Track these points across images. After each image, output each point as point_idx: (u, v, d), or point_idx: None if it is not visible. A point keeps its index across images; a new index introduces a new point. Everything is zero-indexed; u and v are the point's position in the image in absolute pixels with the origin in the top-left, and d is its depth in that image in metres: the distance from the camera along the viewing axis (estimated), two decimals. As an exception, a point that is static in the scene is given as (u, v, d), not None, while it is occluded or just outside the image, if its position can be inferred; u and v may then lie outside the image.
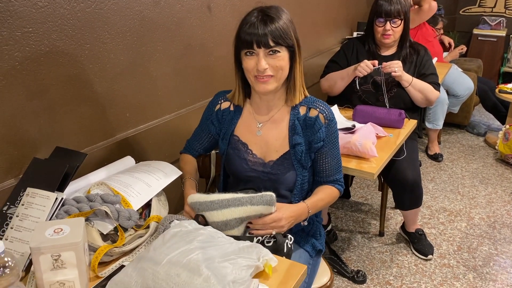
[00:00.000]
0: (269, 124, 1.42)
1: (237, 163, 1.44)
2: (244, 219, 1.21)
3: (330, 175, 1.44)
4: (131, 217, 1.21)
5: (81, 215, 1.17)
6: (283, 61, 1.28)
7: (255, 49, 1.25)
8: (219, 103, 1.49)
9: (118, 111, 1.58)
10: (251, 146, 1.43)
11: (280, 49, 1.26)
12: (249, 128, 1.44)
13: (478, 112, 4.53)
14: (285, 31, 1.25)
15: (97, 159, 1.51)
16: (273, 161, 1.41)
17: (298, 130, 1.38)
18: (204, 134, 1.55)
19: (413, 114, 2.38)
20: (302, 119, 1.39)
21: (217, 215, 1.21)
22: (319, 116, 1.38)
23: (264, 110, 1.43)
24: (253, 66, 1.28)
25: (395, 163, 2.18)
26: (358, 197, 3.04)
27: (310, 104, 1.40)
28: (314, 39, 3.09)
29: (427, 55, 2.40)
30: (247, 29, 1.25)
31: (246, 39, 1.25)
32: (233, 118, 1.46)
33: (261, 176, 1.42)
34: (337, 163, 1.44)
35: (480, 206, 2.90)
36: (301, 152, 1.38)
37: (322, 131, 1.37)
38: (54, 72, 1.33)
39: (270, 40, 1.24)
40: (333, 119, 1.40)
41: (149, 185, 1.33)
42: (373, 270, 2.32)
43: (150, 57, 1.67)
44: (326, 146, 1.40)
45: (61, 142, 1.38)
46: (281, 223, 1.24)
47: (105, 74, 1.50)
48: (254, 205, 1.20)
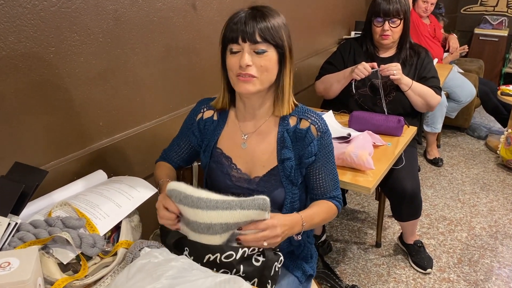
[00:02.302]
0: (256, 136, 1.28)
1: (220, 179, 1.30)
2: (230, 226, 1.04)
3: (326, 192, 1.30)
4: (95, 243, 1.08)
5: (37, 242, 1.04)
6: (269, 62, 1.15)
7: (240, 43, 1.13)
8: (201, 111, 1.35)
9: (89, 120, 1.44)
10: (235, 160, 1.29)
11: (267, 48, 1.13)
12: (234, 139, 1.30)
13: (478, 114, 4.40)
14: (275, 29, 1.13)
15: (66, 173, 1.37)
16: (259, 177, 1.27)
17: (287, 144, 1.24)
18: (183, 144, 1.41)
19: (412, 120, 2.25)
20: (292, 131, 1.25)
21: (201, 215, 1.05)
22: (310, 128, 1.23)
23: (249, 120, 1.28)
24: (236, 64, 1.15)
25: (393, 172, 2.05)
26: (354, 204, 2.91)
27: (301, 114, 1.26)
28: (310, 39, 2.94)
29: (428, 57, 2.27)
30: (234, 25, 1.14)
31: (232, 31, 1.14)
32: (216, 129, 1.32)
33: (246, 193, 1.28)
34: (333, 179, 1.30)
35: (482, 214, 2.78)
36: (290, 168, 1.24)
37: (314, 144, 1.23)
38: (12, 78, 1.19)
39: (257, 35, 1.12)
40: (327, 131, 1.26)
41: (119, 205, 1.20)
42: (369, 285, 2.19)
43: (127, 60, 1.53)
44: (319, 160, 1.26)
45: (22, 156, 1.24)
46: (276, 232, 1.06)
47: (73, 80, 1.36)
48: (245, 209, 1.03)
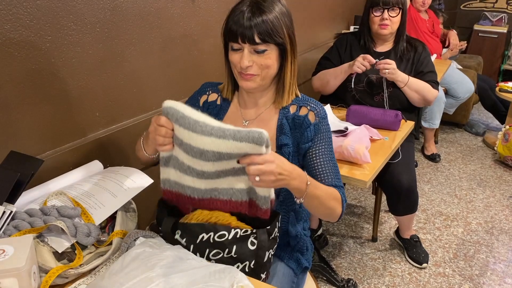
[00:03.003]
0: (256, 122, 1.29)
1: None
2: (223, 156, 0.98)
3: (325, 180, 1.21)
4: (90, 233, 1.08)
5: (32, 231, 1.04)
6: (269, 60, 1.15)
7: (240, 43, 1.13)
8: (206, 93, 1.35)
9: (86, 110, 1.44)
10: None
11: (267, 47, 1.13)
12: (234, 125, 1.30)
13: (477, 110, 4.40)
14: (274, 27, 1.12)
15: (61, 163, 1.36)
16: None
17: (285, 130, 1.25)
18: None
19: (410, 115, 2.24)
20: (290, 118, 1.26)
21: (195, 139, 0.99)
22: (308, 113, 1.24)
23: (251, 107, 1.30)
24: (237, 62, 1.16)
25: (389, 166, 2.05)
26: (351, 198, 2.92)
27: (301, 102, 1.27)
28: (308, 33, 2.94)
29: (425, 51, 2.26)
30: (234, 19, 1.13)
31: (231, 31, 1.13)
32: (219, 113, 1.33)
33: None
34: (333, 167, 1.24)
35: (478, 210, 2.78)
36: (288, 154, 1.24)
37: (311, 129, 1.23)
38: (8, 67, 1.18)
39: (256, 36, 1.11)
40: (325, 117, 1.26)
41: (114, 195, 1.20)
42: (365, 279, 2.20)
43: (124, 50, 1.52)
44: (316, 146, 1.23)
45: (18, 145, 1.24)
46: (271, 167, 0.97)
47: (70, 70, 1.35)
48: (237, 140, 0.96)
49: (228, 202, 1.09)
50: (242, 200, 1.08)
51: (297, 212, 1.34)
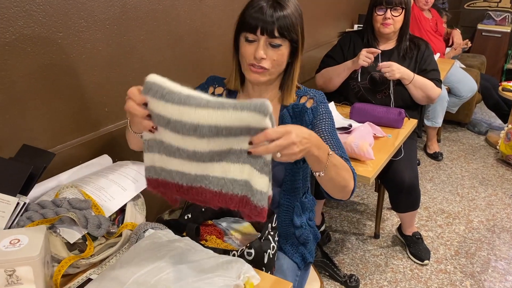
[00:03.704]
0: None
1: None
2: (221, 130, 0.87)
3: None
4: (101, 224, 1.11)
5: (45, 222, 1.06)
6: (282, 56, 1.19)
7: (257, 35, 1.16)
8: (213, 86, 1.38)
9: (95, 106, 1.46)
10: None
11: (283, 42, 1.17)
12: None
13: (479, 110, 4.42)
14: (293, 23, 1.16)
15: (71, 157, 1.39)
16: None
17: (286, 120, 1.28)
18: None
19: (413, 112, 2.27)
20: (290, 108, 1.29)
21: (188, 113, 0.87)
22: (307, 101, 1.29)
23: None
24: (250, 53, 1.18)
25: (392, 163, 2.08)
26: (354, 196, 2.94)
27: (302, 93, 1.31)
28: (312, 31, 2.96)
29: (428, 49, 2.28)
30: (254, 13, 1.15)
31: (250, 23, 1.15)
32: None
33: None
34: (337, 142, 1.22)
35: (480, 208, 2.81)
36: None
37: (308, 114, 1.27)
38: (21, 62, 1.21)
39: (275, 30, 1.14)
40: (323, 102, 1.29)
41: (124, 188, 1.23)
42: (367, 275, 2.22)
43: (133, 47, 1.55)
44: (317, 126, 1.24)
45: (30, 140, 1.26)
46: (291, 138, 0.89)
47: (81, 66, 1.38)
48: (238, 110, 0.84)
49: (218, 194, 0.95)
50: (233, 194, 0.94)
51: (303, 202, 1.36)
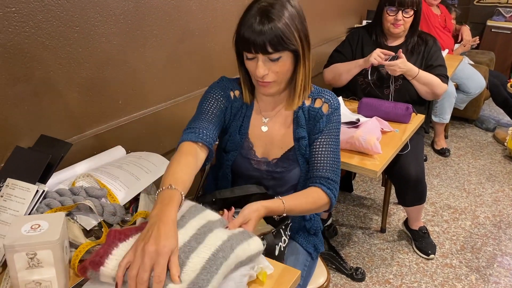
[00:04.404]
0: (275, 118, 1.34)
1: (240, 161, 1.36)
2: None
3: (320, 170, 1.26)
4: (116, 212, 1.15)
5: (63, 209, 1.11)
6: (284, 67, 1.17)
7: (253, 53, 1.15)
8: (233, 90, 1.34)
9: (109, 98, 1.51)
10: (256, 146, 1.35)
11: (281, 54, 1.14)
12: (255, 123, 1.35)
13: (488, 106, 4.41)
14: (285, 35, 1.11)
15: (86, 148, 1.43)
16: (276, 159, 1.34)
17: (301, 123, 1.30)
18: (220, 117, 1.29)
19: (419, 108, 2.28)
20: (306, 110, 1.31)
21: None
22: (323, 106, 1.30)
23: (269, 105, 1.34)
24: (253, 70, 1.19)
25: (398, 158, 2.10)
26: (360, 191, 2.97)
27: (316, 95, 1.32)
28: (321, 27, 2.98)
29: (436, 45, 2.29)
30: (245, 32, 1.12)
31: (244, 42, 1.14)
32: (247, 111, 1.34)
33: (265, 175, 1.35)
34: (332, 159, 1.27)
35: (486, 204, 2.82)
36: (305, 146, 1.31)
37: (323, 120, 1.29)
38: (39, 55, 1.25)
39: (268, 47, 1.12)
40: (338, 108, 1.32)
41: (138, 178, 1.27)
42: (373, 268, 2.25)
43: (145, 42, 1.59)
44: (324, 136, 1.29)
45: (47, 130, 1.31)
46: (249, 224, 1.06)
47: (96, 59, 1.42)
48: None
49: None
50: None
51: None
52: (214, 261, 0.85)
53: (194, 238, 0.92)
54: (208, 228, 0.95)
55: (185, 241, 0.91)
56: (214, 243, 0.90)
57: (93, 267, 0.86)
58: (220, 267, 0.85)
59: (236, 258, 0.90)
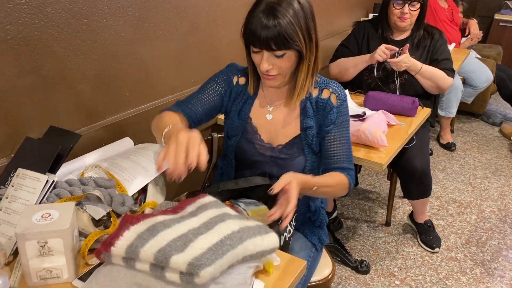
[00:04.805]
0: (280, 107, 1.36)
1: (245, 146, 1.38)
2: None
3: (338, 162, 1.33)
4: (125, 202, 1.16)
5: (72, 199, 1.12)
6: (288, 62, 1.21)
7: (259, 49, 1.19)
8: (237, 75, 1.39)
9: (117, 90, 1.52)
10: (260, 130, 1.37)
11: (285, 51, 1.18)
12: (260, 110, 1.38)
13: (494, 100, 4.39)
14: (288, 35, 1.14)
15: (94, 139, 1.45)
16: (281, 145, 1.36)
17: (309, 113, 1.32)
18: (213, 96, 1.37)
19: (426, 102, 2.28)
20: (314, 101, 1.33)
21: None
22: (331, 96, 1.32)
23: (274, 95, 1.37)
24: (258, 63, 1.23)
25: (403, 151, 2.10)
26: (366, 184, 2.97)
27: (323, 85, 1.34)
28: (327, 20, 2.97)
29: (442, 39, 2.28)
30: (252, 28, 1.16)
31: (250, 37, 1.18)
32: (248, 98, 1.38)
33: (269, 160, 1.37)
34: (347, 150, 1.34)
35: (492, 198, 2.82)
36: (312, 136, 1.32)
37: (334, 112, 1.31)
38: (49, 47, 1.26)
39: (272, 45, 1.15)
40: (345, 100, 1.34)
41: (146, 169, 1.28)
42: (378, 261, 2.26)
43: (153, 34, 1.60)
44: (336, 129, 1.32)
45: (56, 121, 1.33)
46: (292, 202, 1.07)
47: (104, 51, 1.43)
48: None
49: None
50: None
51: None
52: (221, 246, 0.87)
53: (204, 225, 0.93)
54: (220, 219, 0.97)
55: (195, 227, 0.92)
56: (224, 231, 0.92)
57: (105, 248, 0.88)
58: (226, 253, 0.86)
59: (245, 250, 0.91)
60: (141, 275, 0.86)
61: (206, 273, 0.79)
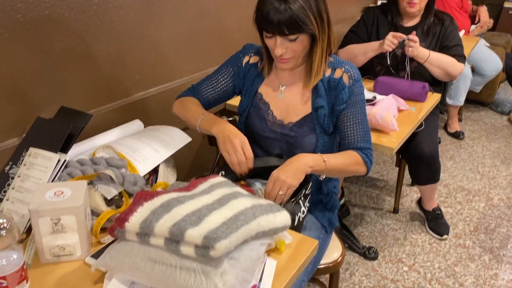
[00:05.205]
0: (292, 87, 1.37)
1: (256, 122, 1.40)
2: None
3: (353, 142, 1.32)
4: (137, 182, 1.16)
5: (84, 178, 1.12)
6: (301, 45, 1.22)
7: (271, 33, 1.20)
8: (249, 55, 1.41)
9: (127, 73, 1.51)
10: (272, 107, 1.38)
11: (298, 35, 1.19)
12: (272, 88, 1.39)
13: (503, 89, 4.34)
14: (300, 19, 1.15)
15: (104, 121, 1.45)
16: (292, 123, 1.36)
17: (321, 93, 1.32)
18: (223, 80, 1.43)
19: (435, 89, 2.25)
20: (326, 81, 1.32)
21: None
22: (343, 76, 1.31)
23: (287, 76, 1.37)
24: (272, 47, 1.24)
25: (412, 136, 2.07)
26: (373, 172, 2.96)
27: (336, 64, 1.33)
28: (336, 7, 2.94)
29: (453, 25, 2.25)
30: (265, 13, 1.16)
31: (262, 22, 1.19)
32: (257, 76, 1.40)
33: (279, 137, 1.38)
34: (362, 129, 1.32)
35: (500, 186, 2.80)
36: (323, 116, 1.32)
37: (345, 91, 1.30)
38: (59, 27, 1.26)
39: (285, 29, 1.17)
40: (359, 79, 1.33)
41: (157, 150, 1.28)
42: (386, 247, 2.26)
43: (162, 16, 1.58)
44: (349, 108, 1.31)
45: (67, 102, 1.32)
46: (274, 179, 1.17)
47: (113, 33, 1.42)
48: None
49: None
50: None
51: None
52: (235, 221, 0.87)
53: (218, 201, 0.93)
54: (233, 196, 0.97)
55: (209, 203, 0.92)
56: (237, 207, 0.92)
57: (119, 224, 0.88)
58: (240, 228, 0.86)
59: (258, 226, 0.91)
60: (155, 251, 0.86)
61: (222, 246, 0.79)
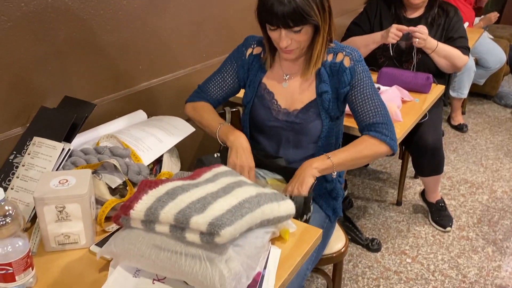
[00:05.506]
0: (296, 76, 1.38)
1: (261, 111, 1.41)
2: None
3: (365, 119, 1.30)
4: (141, 171, 1.16)
5: (88, 167, 1.12)
6: (306, 36, 1.24)
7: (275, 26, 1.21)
8: (251, 46, 1.42)
9: (130, 63, 1.51)
10: (277, 96, 1.39)
11: (302, 26, 1.20)
12: (276, 78, 1.40)
13: (507, 82, 4.33)
14: (304, 11, 1.16)
15: (108, 111, 1.44)
16: (297, 110, 1.37)
17: (324, 78, 1.33)
18: (229, 77, 1.45)
19: (439, 81, 2.24)
20: (328, 66, 1.33)
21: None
22: (344, 59, 1.31)
23: (290, 64, 1.38)
24: (276, 39, 1.26)
25: (416, 127, 2.07)
26: (376, 165, 2.96)
27: (337, 49, 1.34)
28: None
29: (457, 16, 2.23)
30: (267, 5, 1.18)
31: (266, 15, 1.20)
32: (261, 67, 1.41)
33: (285, 126, 1.38)
34: (372, 105, 1.29)
35: (504, 179, 2.79)
36: (328, 101, 1.33)
37: (347, 73, 1.30)
38: (63, 16, 1.25)
39: (289, 22, 1.18)
40: (361, 60, 1.33)
41: (160, 140, 1.28)
42: (389, 239, 2.26)
43: (165, 6, 1.58)
44: (355, 88, 1.31)
45: (70, 92, 1.32)
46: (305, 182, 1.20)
47: (116, 22, 1.41)
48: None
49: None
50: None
51: None
52: (240, 208, 0.87)
53: (222, 190, 0.93)
54: (237, 184, 0.97)
55: (213, 191, 0.92)
56: (242, 195, 0.92)
57: (124, 212, 0.88)
58: (245, 215, 0.86)
59: (263, 214, 0.91)
60: (160, 238, 0.86)
61: (227, 233, 0.79)
